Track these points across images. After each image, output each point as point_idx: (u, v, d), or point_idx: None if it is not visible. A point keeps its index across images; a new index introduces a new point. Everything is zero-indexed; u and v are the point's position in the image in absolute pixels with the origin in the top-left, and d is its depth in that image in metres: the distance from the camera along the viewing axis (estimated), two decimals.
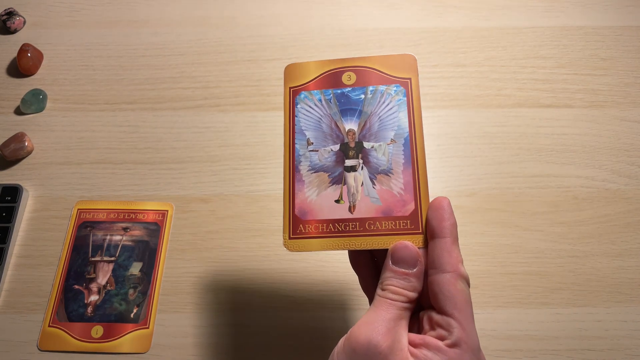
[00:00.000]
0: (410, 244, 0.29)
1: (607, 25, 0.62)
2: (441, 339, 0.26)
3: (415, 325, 0.29)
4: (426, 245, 0.30)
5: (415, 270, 0.28)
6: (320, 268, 0.48)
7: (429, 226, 0.29)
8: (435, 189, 0.51)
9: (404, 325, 0.28)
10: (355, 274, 0.35)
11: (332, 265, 0.48)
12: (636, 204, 0.51)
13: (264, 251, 0.49)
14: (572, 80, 0.58)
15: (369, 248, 0.31)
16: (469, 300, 0.27)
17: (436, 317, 0.27)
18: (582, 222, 0.50)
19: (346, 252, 0.35)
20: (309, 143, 0.34)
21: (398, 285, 0.28)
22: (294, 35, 0.61)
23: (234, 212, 0.51)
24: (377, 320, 0.27)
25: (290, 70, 0.36)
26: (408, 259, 0.29)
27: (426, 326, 0.28)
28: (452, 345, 0.26)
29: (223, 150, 0.54)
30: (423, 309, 0.29)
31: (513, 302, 0.46)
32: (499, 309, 0.46)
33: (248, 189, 0.52)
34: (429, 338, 0.27)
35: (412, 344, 0.27)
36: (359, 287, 0.34)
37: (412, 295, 0.28)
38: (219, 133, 0.55)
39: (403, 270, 0.28)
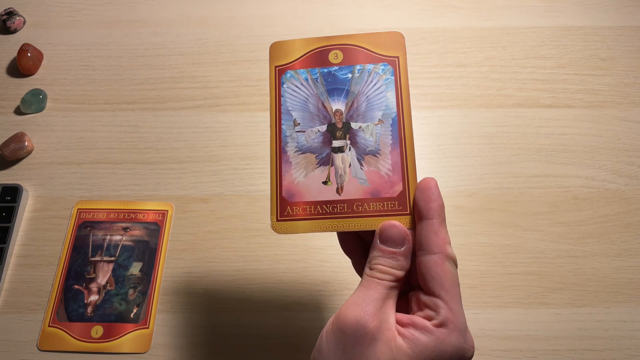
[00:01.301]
0: (398, 223, 0.29)
1: (607, 25, 0.62)
2: (428, 319, 0.27)
3: (404, 306, 0.30)
4: (414, 226, 0.30)
5: (402, 249, 0.29)
6: (320, 268, 0.48)
7: (416, 207, 0.29)
8: None
9: (391, 305, 0.28)
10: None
11: (332, 266, 0.48)
12: (636, 204, 0.51)
13: (264, 251, 0.49)
14: (572, 80, 0.58)
15: (357, 229, 0.30)
16: (456, 281, 0.27)
17: (424, 297, 0.27)
18: (582, 222, 0.50)
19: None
20: (295, 124, 0.33)
21: (386, 264, 0.28)
22: (294, 35, 0.61)
23: (234, 212, 0.51)
24: (365, 299, 0.27)
25: (275, 49, 0.34)
26: (396, 237, 0.29)
27: (414, 307, 0.28)
28: (439, 325, 0.26)
29: (223, 150, 0.54)
30: (413, 289, 0.29)
31: (513, 302, 0.46)
32: (499, 309, 0.46)
33: (248, 189, 0.52)
34: (416, 318, 0.27)
35: (400, 323, 0.27)
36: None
37: (400, 274, 0.28)
38: (219, 133, 0.55)
39: (391, 249, 0.29)
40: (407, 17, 0.62)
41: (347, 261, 0.35)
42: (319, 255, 0.48)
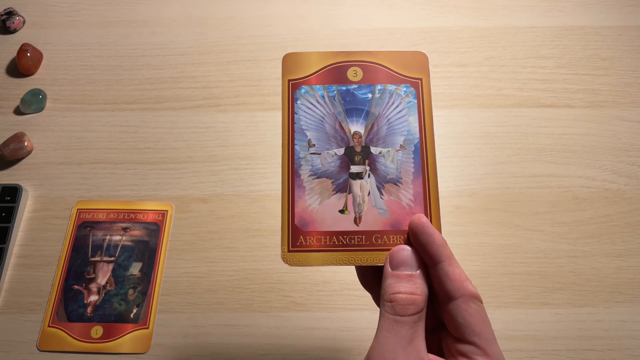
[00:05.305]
0: (407, 246, 0.28)
1: (607, 25, 0.62)
2: None
3: (435, 343, 0.28)
4: None
5: (418, 272, 0.27)
6: (320, 268, 0.48)
7: (419, 253, 0.27)
8: None
9: (422, 345, 0.25)
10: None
11: (332, 266, 0.48)
12: (636, 204, 0.51)
13: (264, 251, 0.49)
14: (572, 80, 0.58)
15: (376, 264, 0.28)
16: (485, 319, 0.26)
17: (457, 346, 0.26)
18: (582, 222, 0.50)
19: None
20: (310, 145, 0.30)
21: (406, 291, 0.26)
22: (294, 35, 0.61)
23: (234, 212, 0.51)
24: (391, 344, 0.25)
25: (289, 60, 0.32)
26: (409, 260, 0.27)
27: (447, 353, 0.27)
28: None
29: (223, 150, 0.54)
30: (442, 326, 0.28)
31: (513, 302, 0.46)
32: (499, 309, 0.46)
33: (248, 189, 0.52)
34: None
35: None
36: (359, 287, 0.34)
37: (421, 299, 0.26)
38: (219, 133, 0.55)
39: (406, 272, 0.27)
40: (407, 17, 0.62)
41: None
42: None
